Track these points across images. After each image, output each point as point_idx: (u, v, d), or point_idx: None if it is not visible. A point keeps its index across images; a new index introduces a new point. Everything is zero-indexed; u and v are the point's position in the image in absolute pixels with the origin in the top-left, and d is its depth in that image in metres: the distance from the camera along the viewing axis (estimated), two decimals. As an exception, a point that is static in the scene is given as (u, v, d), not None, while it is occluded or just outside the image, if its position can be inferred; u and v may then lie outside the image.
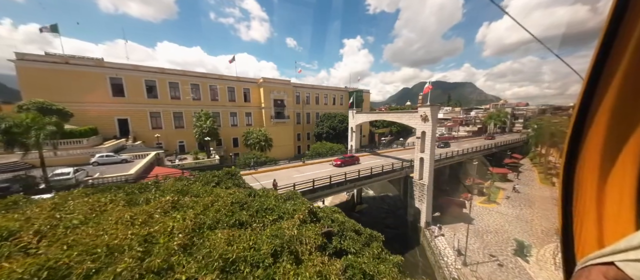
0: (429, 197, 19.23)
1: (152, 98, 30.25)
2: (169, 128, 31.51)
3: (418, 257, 17.81)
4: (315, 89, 50.51)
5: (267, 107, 39.06)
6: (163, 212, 4.92)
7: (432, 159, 18.93)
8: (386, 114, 24.14)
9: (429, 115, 18.28)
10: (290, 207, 6.90)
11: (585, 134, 0.82)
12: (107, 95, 27.44)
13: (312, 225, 5.97)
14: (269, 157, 26.08)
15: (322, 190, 13.69)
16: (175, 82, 31.57)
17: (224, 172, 8.80)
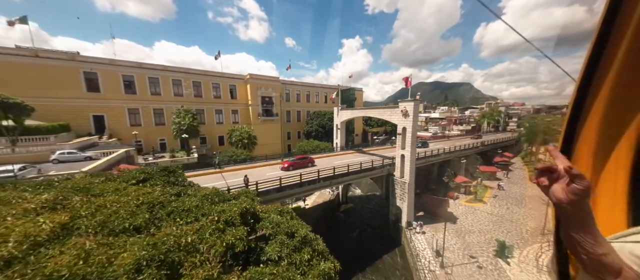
0: (411, 196, 18.45)
1: (130, 94, 29.12)
2: (148, 125, 30.39)
3: (398, 259, 17.03)
4: (306, 87, 49.54)
5: (254, 105, 38.08)
6: (24, 213, 3.98)
7: (413, 156, 18.14)
8: (368, 110, 23.36)
9: (410, 110, 17.47)
10: (223, 208, 5.95)
11: (578, 134, 0.86)
12: (81, 90, 26.28)
13: (236, 229, 5.04)
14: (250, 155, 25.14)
15: (291, 189, 12.77)
16: (155, 77, 30.46)
17: (159, 169, 7.86)
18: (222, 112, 36.50)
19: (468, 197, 24.29)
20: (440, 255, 14.68)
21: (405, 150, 18.29)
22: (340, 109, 26.85)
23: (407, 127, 17.86)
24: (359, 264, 16.16)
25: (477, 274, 13.28)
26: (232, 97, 37.29)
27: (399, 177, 19.08)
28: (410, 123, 17.57)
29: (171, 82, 31.71)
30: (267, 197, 11.84)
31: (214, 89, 35.30)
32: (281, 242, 4.99)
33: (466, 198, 24.12)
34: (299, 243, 5.14)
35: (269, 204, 12.94)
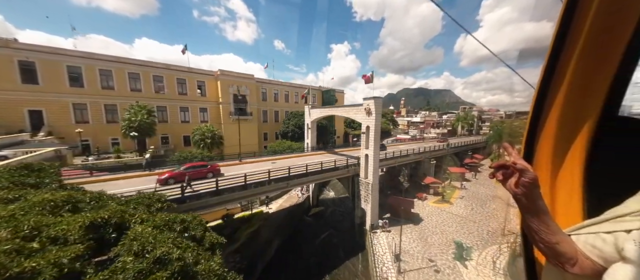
0: (375, 197, 17.70)
1: (76, 87, 26.00)
2: (98, 122, 27.31)
3: (359, 265, 16.07)
4: (284, 86, 48.20)
5: (225, 103, 35.98)
6: None
7: (376, 156, 17.47)
8: (335, 109, 22.70)
9: (373, 108, 16.82)
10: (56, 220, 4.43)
11: (538, 135, 0.96)
12: (15, 81, 22.92)
13: (64, 249, 3.60)
14: (211, 155, 23.20)
15: (232, 193, 11.17)
16: (107, 69, 27.56)
17: (10, 168, 6.14)
18: (189, 109, 34.00)
19: (436, 198, 24.19)
20: (399, 260, 13.92)
21: (369, 150, 17.58)
22: (310, 107, 25.85)
23: (371, 125, 17.19)
24: (319, 272, 14.99)
25: (433, 278, 12.63)
26: (200, 94, 34.97)
27: (363, 177, 18.30)
28: (373, 121, 16.92)
29: (127, 76, 28.90)
30: (200, 202, 10.24)
31: (179, 85, 32.81)
32: (113, 269, 3.62)
33: (434, 199, 23.99)
34: (148, 265, 3.80)
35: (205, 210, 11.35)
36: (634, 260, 0.56)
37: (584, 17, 0.77)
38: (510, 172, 0.70)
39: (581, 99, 0.87)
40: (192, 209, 9.52)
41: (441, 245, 15.77)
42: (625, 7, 0.71)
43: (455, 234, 17.25)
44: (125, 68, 28.81)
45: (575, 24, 0.79)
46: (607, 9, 0.74)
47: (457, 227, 18.26)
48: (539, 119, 0.95)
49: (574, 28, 0.80)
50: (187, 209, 9.39)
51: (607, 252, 0.64)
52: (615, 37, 0.76)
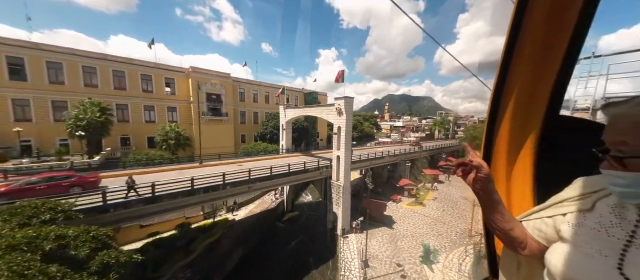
0: (346, 200, 17.14)
1: (17, 80, 22.84)
2: (43, 121, 24.16)
3: (328, 272, 15.24)
4: (264, 87, 46.82)
5: (197, 102, 33.81)
6: None
7: (348, 157, 16.99)
8: (309, 108, 22.13)
9: (343, 108, 16.38)
10: None
11: (495, 137, 1.07)
12: None
13: None
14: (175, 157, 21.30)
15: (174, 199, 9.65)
16: (56, 62, 24.63)
17: None
18: (155, 108, 31.43)
19: (411, 199, 24.31)
20: (367, 266, 13.37)
21: (340, 151, 17.06)
22: (285, 107, 24.98)
23: (342, 126, 16.74)
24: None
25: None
26: (169, 93, 32.55)
27: (335, 180, 17.71)
28: (345, 122, 16.47)
29: (81, 70, 26.03)
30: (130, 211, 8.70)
31: (143, 82, 30.25)
32: None
33: (408, 201, 24.08)
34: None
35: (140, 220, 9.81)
36: (568, 239, 0.65)
37: (528, 33, 0.90)
38: (468, 169, 0.76)
39: (529, 103, 1.00)
40: (120, 220, 8.16)
41: (411, 249, 15.53)
42: (561, 26, 0.84)
43: (425, 236, 17.18)
44: (79, 61, 25.96)
45: (520, 39, 0.91)
46: (547, 28, 0.87)
47: (427, 229, 18.25)
48: (495, 121, 1.07)
49: (520, 43, 0.92)
50: (114, 220, 8.02)
51: (549, 233, 0.74)
52: (554, 51, 0.89)
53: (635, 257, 0.52)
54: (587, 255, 0.60)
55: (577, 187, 0.73)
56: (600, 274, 0.55)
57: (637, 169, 0.50)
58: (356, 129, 61.89)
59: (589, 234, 0.62)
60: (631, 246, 0.53)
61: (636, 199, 0.54)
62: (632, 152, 0.50)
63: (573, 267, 0.60)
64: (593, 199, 0.67)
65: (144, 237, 14.38)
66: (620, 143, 0.52)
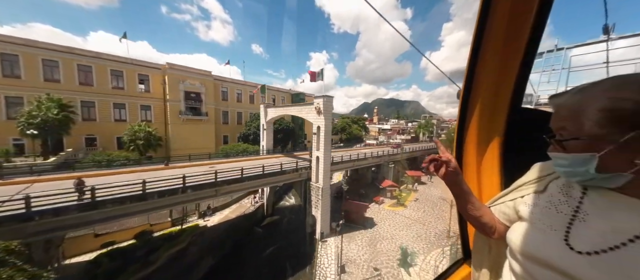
0: (325, 203, 16.56)
1: (-42, 72, 20.23)
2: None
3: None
4: (248, 87, 45.41)
5: (174, 100, 31.97)
6: None
7: (327, 158, 16.47)
8: (289, 107, 21.49)
9: (322, 107, 15.89)
10: None
11: (465, 136, 1.19)
12: None
13: None
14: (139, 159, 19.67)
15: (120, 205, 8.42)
16: (12, 54, 22.22)
17: None
18: (126, 106, 29.26)
19: (393, 201, 24.22)
20: (343, 271, 12.81)
21: (319, 152, 16.52)
22: (265, 107, 24.12)
23: (321, 125, 16.21)
24: None
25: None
26: (143, 90, 30.47)
27: (314, 181, 17.10)
28: (324, 121, 15.97)
29: (41, 63, 23.69)
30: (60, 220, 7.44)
31: (113, 78, 28.10)
32: None
33: (390, 202, 23.97)
34: None
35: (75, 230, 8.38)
36: (525, 217, 0.72)
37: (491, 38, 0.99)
38: (439, 164, 0.81)
39: (494, 101, 1.09)
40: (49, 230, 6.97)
41: (389, 252, 15.20)
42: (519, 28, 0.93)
43: (404, 238, 16.97)
44: (38, 54, 23.58)
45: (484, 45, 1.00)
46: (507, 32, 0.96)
47: (407, 231, 18.09)
48: (465, 120, 1.17)
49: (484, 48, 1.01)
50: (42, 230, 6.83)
51: (511, 215, 0.81)
52: (514, 53, 0.98)
53: (578, 230, 0.59)
54: (540, 231, 0.66)
55: (534, 172, 0.81)
56: (551, 245, 0.61)
57: (574, 150, 0.56)
58: (345, 131, 61.97)
59: (542, 212, 0.69)
60: (575, 220, 0.61)
61: (575, 177, 0.60)
62: (570, 136, 0.56)
63: (529, 242, 0.66)
64: (546, 181, 0.75)
65: (98, 247, 12.88)
66: (561, 129, 0.59)
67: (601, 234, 0.55)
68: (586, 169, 0.55)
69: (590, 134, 0.52)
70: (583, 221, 0.60)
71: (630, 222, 0.52)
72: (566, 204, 0.65)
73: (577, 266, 0.55)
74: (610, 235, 0.54)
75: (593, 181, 0.58)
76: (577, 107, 0.56)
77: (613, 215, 0.56)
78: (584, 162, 0.55)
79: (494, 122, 1.12)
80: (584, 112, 0.53)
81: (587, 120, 0.53)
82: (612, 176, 0.53)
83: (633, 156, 0.49)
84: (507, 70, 1.02)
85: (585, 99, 0.54)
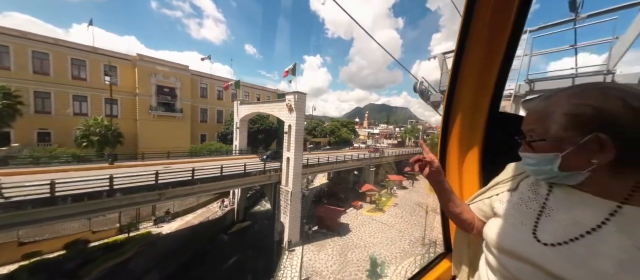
0: (295, 209, 15.33)
1: None
2: None
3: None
4: (232, 85, 43.51)
5: (145, 95, 29.74)
6: None
7: (299, 159, 15.31)
8: (262, 105, 20.21)
9: (294, 104, 14.78)
10: None
11: (448, 140, 1.27)
12: None
13: None
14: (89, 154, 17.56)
15: (22, 210, 6.90)
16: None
17: None
18: (87, 99, 26.77)
19: (372, 206, 23.35)
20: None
21: (290, 153, 15.32)
22: (238, 104, 22.68)
23: (292, 124, 15.08)
24: None
25: (338, 305, 10.63)
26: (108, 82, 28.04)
27: (283, 185, 15.85)
28: (295, 119, 14.85)
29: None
30: None
31: (74, 67, 25.66)
32: None
33: (369, 207, 23.09)
34: None
35: None
36: (499, 214, 0.77)
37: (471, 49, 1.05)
38: (424, 164, 0.85)
39: (474, 108, 1.17)
40: None
41: (360, 261, 14.15)
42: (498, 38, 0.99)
43: (378, 246, 16.02)
44: (-18, 36, 20.97)
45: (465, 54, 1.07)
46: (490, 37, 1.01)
47: (382, 238, 17.17)
48: (448, 126, 1.26)
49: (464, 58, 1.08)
50: None
51: (487, 212, 0.87)
52: (494, 55, 1.03)
53: (544, 224, 0.64)
54: (512, 225, 0.71)
55: (508, 171, 0.86)
56: (521, 239, 0.66)
57: (541, 150, 0.61)
58: (334, 134, 61.35)
59: (514, 208, 0.74)
60: (542, 215, 0.66)
61: (542, 175, 0.66)
62: (538, 137, 0.61)
63: (502, 236, 0.71)
64: (518, 180, 0.80)
65: (20, 258, 10.89)
66: (531, 131, 0.64)
67: (563, 227, 0.61)
68: (551, 167, 0.60)
69: (555, 136, 0.57)
70: (548, 216, 0.65)
71: (587, 215, 0.58)
72: (534, 201, 0.70)
73: (543, 257, 0.60)
74: (571, 228, 0.59)
75: (557, 179, 0.62)
76: (544, 112, 0.61)
77: (573, 210, 0.61)
78: (549, 162, 0.60)
79: (474, 126, 1.20)
80: (550, 116, 0.58)
81: (553, 124, 0.57)
82: (572, 174, 0.58)
83: (590, 156, 0.54)
84: (487, 76, 1.09)
85: (552, 104, 0.59)
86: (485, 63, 1.06)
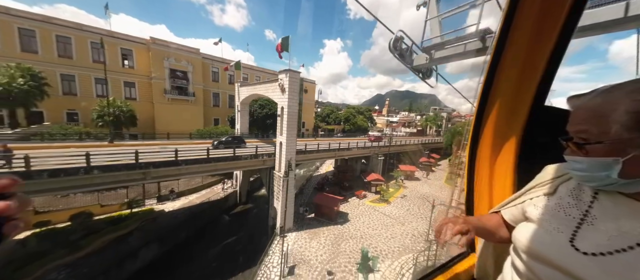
0: (287, 195, 14.72)
1: None
2: (-36, 86, 21.17)
3: (254, 276, 13.02)
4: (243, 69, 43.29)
5: (159, 78, 30.80)
6: None
7: (291, 144, 14.44)
8: (259, 85, 19.24)
9: (286, 84, 13.65)
10: None
11: (481, 134, 1.15)
12: None
13: None
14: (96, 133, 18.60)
15: None
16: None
17: None
18: (108, 82, 28.31)
19: (376, 196, 22.03)
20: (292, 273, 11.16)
21: (283, 137, 14.49)
22: (239, 86, 22.14)
23: (285, 106, 14.07)
24: None
25: (320, 298, 10.03)
26: (127, 65, 29.39)
27: (276, 170, 15.26)
28: (287, 101, 13.80)
29: (16, 32, 22.90)
30: None
31: (94, 51, 27.06)
32: None
33: (373, 197, 21.82)
34: None
35: None
36: (533, 218, 0.74)
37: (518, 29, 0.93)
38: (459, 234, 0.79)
39: (514, 98, 1.04)
40: None
41: (353, 253, 13.31)
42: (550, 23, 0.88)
43: (376, 238, 14.96)
44: (14, 22, 22.74)
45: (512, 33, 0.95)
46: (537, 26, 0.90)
47: (382, 230, 16.02)
48: (482, 117, 1.13)
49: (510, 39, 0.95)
50: None
51: (518, 217, 0.83)
52: (543, 43, 0.92)
53: (585, 232, 0.60)
54: (546, 231, 0.67)
55: (545, 174, 0.81)
56: (556, 246, 0.63)
57: (594, 154, 0.55)
58: (349, 121, 59.40)
59: (550, 214, 0.70)
60: (583, 224, 0.62)
61: (591, 182, 0.61)
62: (594, 139, 0.55)
63: (534, 242, 0.68)
64: (556, 183, 0.75)
65: (32, 226, 12.02)
66: (580, 131, 0.57)
67: (608, 237, 0.56)
68: (607, 173, 0.54)
69: (616, 138, 0.51)
70: (591, 225, 0.60)
71: (638, 227, 0.53)
72: (575, 207, 0.66)
73: (579, 266, 0.56)
74: (617, 239, 0.55)
75: (611, 186, 0.57)
76: (600, 110, 0.53)
77: (621, 220, 0.57)
78: (604, 167, 0.54)
79: (513, 120, 1.08)
80: (609, 115, 0.52)
81: (613, 123, 0.51)
82: (634, 182, 0.52)
83: None
84: (533, 65, 0.97)
85: (611, 101, 0.52)
86: (533, 48, 0.94)
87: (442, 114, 69.06)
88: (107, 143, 14.29)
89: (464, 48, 3.46)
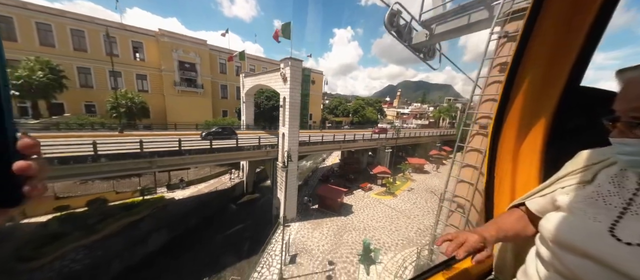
0: (290, 185, 14.75)
1: (-41, 33, 21.02)
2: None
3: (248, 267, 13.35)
4: (248, 60, 43.24)
5: (168, 70, 31.41)
6: None
7: (294, 135, 14.28)
8: (262, 75, 18.97)
9: (288, 74, 13.32)
10: None
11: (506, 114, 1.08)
12: None
13: None
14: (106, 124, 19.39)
15: None
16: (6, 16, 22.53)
17: None
18: (122, 74, 29.37)
19: (382, 189, 21.67)
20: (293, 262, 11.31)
21: (285, 128, 14.33)
22: (244, 76, 22.03)
23: (287, 96, 13.81)
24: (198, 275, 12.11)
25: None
26: (138, 58, 30.14)
27: (279, 161, 15.23)
28: (289, 91, 13.51)
29: (34, 26, 23.92)
30: None
31: (106, 44, 27.82)
32: None
33: (379, 190, 21.47)
34: None
35: None
36: (564, 207, 0.68)
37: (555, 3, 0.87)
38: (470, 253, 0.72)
39: (546, 74, 0.97)
40: None
41: (355, 244, 13.24)
42: None
43: (378, 230, 14.77)
44: (31, 16, 23.73)
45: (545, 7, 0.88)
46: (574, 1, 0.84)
47: (386, 223, 15.78)
48: (509, 95, 1.05)
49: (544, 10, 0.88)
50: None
51: (546, 207, 0.77)
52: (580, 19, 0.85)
53: (628, 222, 0.55)
54: (581, 220, 0.63)
55: (579, 160, 0.74)
56: (593, 236, 0.58)
57: None
58: (357, 113, 58.26)
59: (586, 202, 0.65)
60: (627, 212, 0.57)
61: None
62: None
63: (566, 231, 0.63)
64: (594, 170, 0.68)
65: (53, 210, 12.93)
66: (634, 109, 0.51)
67: None
68: None
69: None
70: (636, 214, 0.56)
71: None
72: (617, 196, 0.61)
73: (620, 256, 0.53)
74: None
75: None
76: None
77: None
78: None
79: (542, 103, 1.01)
80: None
81: None
82: None
83: None
84: (567, 43, 0.91)
85: None
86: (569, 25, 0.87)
87: (457, 105, 65.89)
88: (118, 133, 14.89)
89: (468, 19, 3.01)
